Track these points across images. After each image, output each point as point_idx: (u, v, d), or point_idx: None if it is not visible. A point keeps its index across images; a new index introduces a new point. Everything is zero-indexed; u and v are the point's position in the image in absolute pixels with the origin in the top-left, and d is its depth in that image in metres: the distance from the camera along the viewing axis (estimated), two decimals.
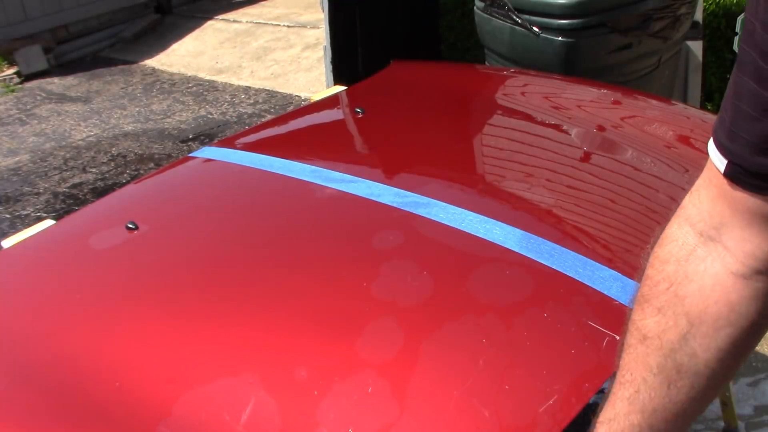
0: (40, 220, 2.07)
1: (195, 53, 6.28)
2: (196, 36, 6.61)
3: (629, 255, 1.31)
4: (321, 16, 3.43)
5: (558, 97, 2.00)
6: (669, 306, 0.68)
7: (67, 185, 4.19)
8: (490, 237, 1.31)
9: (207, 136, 4.66)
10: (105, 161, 4.44)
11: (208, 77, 5.76)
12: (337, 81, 3.25)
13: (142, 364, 1.15)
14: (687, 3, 2.64)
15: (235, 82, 5.59)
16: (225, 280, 1.31)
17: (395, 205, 1.43)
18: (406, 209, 1.41)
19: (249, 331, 1.18)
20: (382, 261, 1.29)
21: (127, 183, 2.37)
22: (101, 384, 1.10)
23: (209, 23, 6.81)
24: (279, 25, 6.43)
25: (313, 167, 1.62)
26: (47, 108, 5.43)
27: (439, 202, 1.43)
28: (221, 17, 6.86)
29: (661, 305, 0.69)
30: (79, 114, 5.25)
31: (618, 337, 1.10)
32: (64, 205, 3.96)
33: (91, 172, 4.33)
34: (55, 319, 1.29)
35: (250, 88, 5.44)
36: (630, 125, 1.81)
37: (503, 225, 1.35)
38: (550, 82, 2.17)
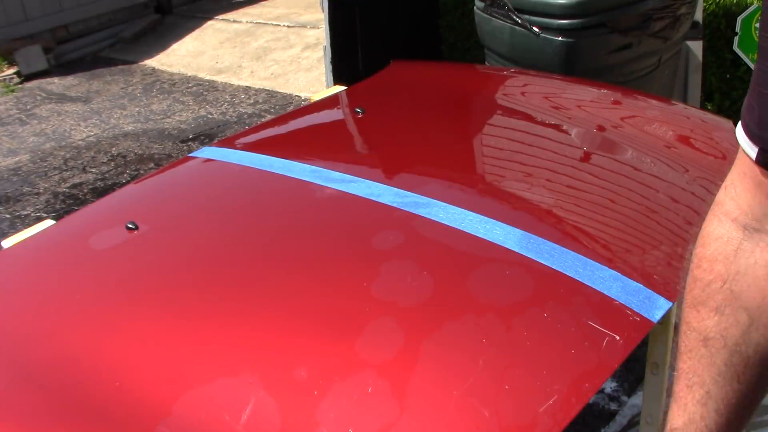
0: (40, 220, 2.07)
1: (195, 53, 6.28)
2: (196, 36, 6.61)
3: (629, 255, 1.32)
4: (321, 16, 3.43)
5: (558, 97, 2.00)
6: (726, 304, 0.69)
7: (67, 185, 4.19)
8: (490, 237, 1.31)
9: (207, 136, 4.66)
10: (105, 161, 4.44)
11: (208, 77, 5.76)
12: (337, 81, 3.25)
13: (142, 364, 1.15)
14: (687, 3, 2.64)
15: (235, 82, 5.59)
16: (225, 280, 1.31)
17: (395, 205, 1.43)
18: (406, 209, 1.41)
19: (249, 331, 1.18)
20: (382, 261, 1.29)
21: (127, 183, 2.37)
22: (101, 384, 1.10)
23: (209, 23, 6.81)
24: (279, 25, 6.43)
25: (313, 167, 1.62)
26: (47, 108, 5.43)
27: (439, 202, 1.43)
28: (221, 17, 6.87)
29: (718, 305, 0.69)
30: (79, 114, 5.25)
31: (618, 337, 1.10)
32: (64, 205, 3.96)
33: (91, 172, 4.33)
34: (55, 319, 1.29)
35: (250, 88, 5.44)
36: (630, 125, 1.81)
37: (503, 225, 1.35)
38: (550, 82, 2.17)
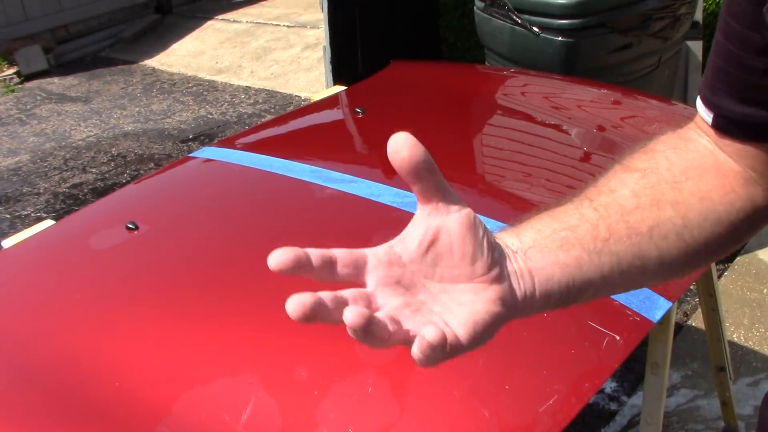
0: (40, 220, 2.07)
1: (195, 53, 6.28)
2: (196, 36, 6.61)
3: None
4: (321, 16, 3.43)
5: (558, 97, 2.00)
6: (665, 157, 0.68)
7: (67, 185, 4.19)
8: None
9: (207, 136, 4.66)
10: (105, 161, 4.44)
11: (208, 77, 5.76)
12: (337, 81, 3.25)
13: (142, 364, 1.15)
14: (687, 3, 2.64)
15: (235, 82, 5.59)
16: (225, 280, 1.31)
17: (395, 205, 1.43)
18: (406, 209, 1.41)
19: (249, 331, 1.18)
20: None
21: (127, 183, 2.36)
22: (101, 384, 1.10)
23: (209, 23, 6.81)
24: (279, 25, 6.43)
25: (313, 167, 1.62)
26: (47, 108, 5.43)
27: None
28: (221, 17, 6.86)
29: (654, 154, 0.68)
30: (79, 114, 5.26)
31: (618, 337, 1.10)
32: (64, 205, 3.96)
33: (91, 172, 4.33)
34: (55, 319, 1.29)
35: (250, 88, 5.44)
36: (630, 125, 1.81)
37: (503, 225, 1.34)
38: (550, 82, 2.17)
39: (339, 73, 3.39)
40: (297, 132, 2.05)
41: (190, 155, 1.86)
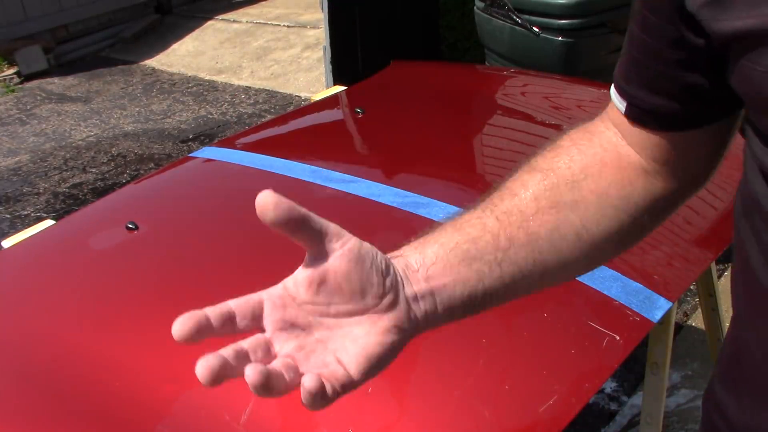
0: (40, 220, 2.07)
1: (195, 53, 6.28)
2: (196, 36, 6.61)
3: (629, 255, 1.31)
4: (321, 16, 3.44)
5: (558, 97, 2.00)
6: (567, 155, 0.70)
7: (67, 185, 4.19)
8: None
9: (207, 136, 4.66)
10: (105, 161, 4.44)
11: (208, 77, 5.76)
12: (337, 81, 3.25)
13: (142, 364, 1.15)
14: None
15: (235, 82, 5.59)
16: (225, 279, 1.31)
17: (395, 205, 1.43)
18: (406, 209, 1.41)
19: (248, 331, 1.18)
20: None
21: (127, 183, 2.37)
22: (101, 384, 1.10)
23: (209, 23, 6.81)
24: (279, 25, 6.43)
25: (313, 167, 1.62)
26: (47, 108, 5.43)
27: (439, 202, 1.43)
28: (221, 17, 6.87)
29: (559, 152, 0.71)
30: (79, 114, 5.26)
31: (618, 337, 1.10)
32: (64, 205, 3.96)
33: (91, 172, 4.33)
34: (55, 319, 1.29)
35: (250, 88, 5.44)
36: None
37: None
38: (550, 82, 2.17)
39: (339, 73, 3.39)
40: (297, 132, 2.05)
41: (190, 155, 1.86)
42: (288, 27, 6.36)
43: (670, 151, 0.67)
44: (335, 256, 0.55)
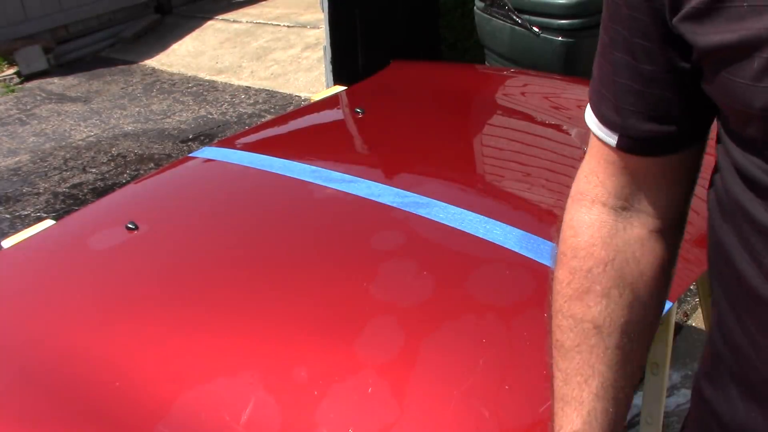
0: (40, 220, 2.07)
1: (195, 53, 6.28)
2: (196, 36, 6.61)
3: None
4: (321, 16, 3.43)
5: (558, 97, 2.00)
6: (612, 285, 0.73)
7: (67, 185, 4.19)
8: (490, 237, 1.31)
9: (207, 136, 4.66)
10: (105, 161, 4.44)
11: (208, 77, 5.76)
12: (337, 81, 3.25)
13: (142, 364, 1.15)
14: None
15: (235, 82, 5.59)
16: (225, 280, 1.31)
17: (395, 205, 1.43)
18: (406, 209, 1.41)
19: (249, 331, 1.18)
20: (382, 261, 1.29)
21: (127, 183, 2.37)
22: (101, 384, 1.10)
23: (209, 23, 6.81)
24: (279, 25, 6.43)
25: (313, 167, 1.62)
26: (47, 108, 5.43)
27: (439, 202, 1.43)
28: (221, 17, 6.87)
29: (604, 288, 0.73)
30: (79, 114, 5.26)
31: None
32: (64, 205, 3.96)
33: (91, 172, 4.33)
34: (55, 319, 1.29)
35: (250, 88, 5.44)
36: None
37: (503, 225, 1.35)
38: (550, 82, 2.17)
39: (339, 73, 3.38)
40: (297, 132, 2.04)
41: (190, 155, 1.86)
42: (288, 27, 6.36)
43: (659, 179, 0.69)
44: None
